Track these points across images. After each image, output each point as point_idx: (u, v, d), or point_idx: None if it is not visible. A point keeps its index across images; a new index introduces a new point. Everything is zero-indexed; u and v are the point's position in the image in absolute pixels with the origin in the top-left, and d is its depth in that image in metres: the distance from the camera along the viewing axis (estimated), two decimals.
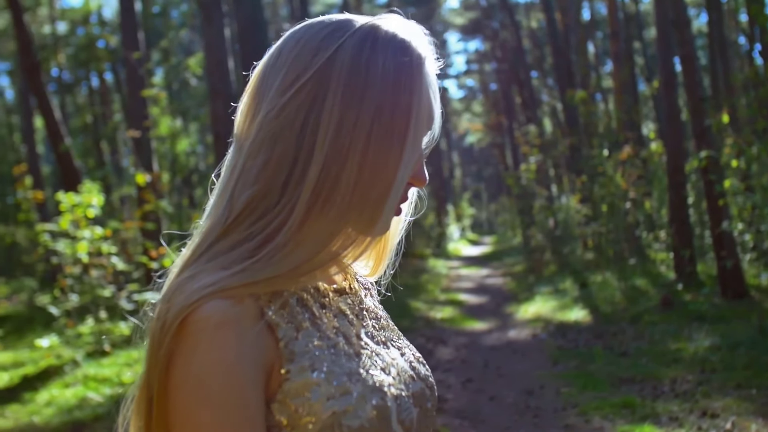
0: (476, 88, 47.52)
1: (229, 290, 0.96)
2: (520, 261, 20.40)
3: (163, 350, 0.94)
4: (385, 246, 1.24)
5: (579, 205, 15.65)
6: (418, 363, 1.16)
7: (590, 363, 7.73)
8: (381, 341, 1.14)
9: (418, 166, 1.09)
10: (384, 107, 1.02)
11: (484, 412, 6.38)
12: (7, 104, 32.25)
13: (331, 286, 1.14)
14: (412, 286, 16.09)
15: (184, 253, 1.06)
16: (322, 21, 1.09)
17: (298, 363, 0.98)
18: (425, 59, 1.08)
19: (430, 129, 1.10)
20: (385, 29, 1.07)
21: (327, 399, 0.97)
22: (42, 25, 28.63)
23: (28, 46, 11.61)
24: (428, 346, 9.60)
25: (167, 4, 27.02)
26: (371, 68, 1.03)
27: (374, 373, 1.04)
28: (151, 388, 0.96)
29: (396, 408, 1.03)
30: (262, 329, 0.97)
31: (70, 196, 8.93)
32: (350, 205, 1.03)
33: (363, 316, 1.16)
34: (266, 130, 1.03)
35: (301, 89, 1.03)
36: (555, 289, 13.38)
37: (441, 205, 31.55)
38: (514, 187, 19.04)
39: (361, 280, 1.26)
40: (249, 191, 1.03)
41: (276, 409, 0.97)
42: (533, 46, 30.12)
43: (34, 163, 19.87)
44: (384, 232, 1.08)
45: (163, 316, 0.96)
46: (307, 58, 1.04)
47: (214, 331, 0.93)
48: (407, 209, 1.20)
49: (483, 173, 66.36)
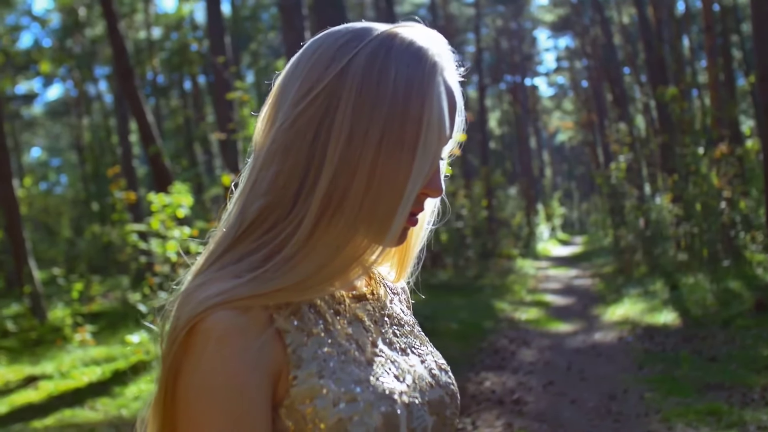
0: (567, 86, 46.71)
1: (235, 301, 0.97)
2: (609, 262, 19.97)
3: (171, 357, 0.97)
4: (408, 253, 1.23)
5: (671, 205, 15.20)
6: (439, 370, 1.15)
7: (677, 368, 7.50)
8: (400, 348, 1.13)
9: (432, 176, 1.06)
10: (394, 118, 1.01)
11: (564, 416, 6.27)
12: (105, 108, 33.45)
13: (350, 292, 1.14)
14: (498, 286, 15.97)
15: (198, 260, 1.08)
16: (340, 30, 1.08)
17: (306, 369, 0.99)
18: (440, 67, 1.05)
19: (446, 139, 1.07)
20: (401, 38, 1.05)
21: (333, 405, 0.97)
22: (138, 31, 29.62)
23: (122, 52, 12.00)
24: (511, 347, 9.50)
25: (257, 7, 27.54)
26: (383, 78, 1.01)
27: (384, 381, 1.04)
28: (162, 392, 0.99)
29: (406, 416, 1.02)
30: (271, 336, 0.99)
31: (161, 196, 9.17)
32: (359, 216, 1.02)
33: (383, 322, 1.15)
34: (279, 141, 1.04)
35: (313, 101, 1.03)
36: (644, 290, 13.04)
37: (530, 204, 31.18)
38: (604, 186, 18.64)
39: (390, 285, 1.25)
40: (260, 202, 1.04)
41: (284, 414, 0.98)
42: (625, 42, 29.40)
43: (129, 165, 20.56)
44: (394, 243, 1.06)
45: (174, 324, 0.99)
46: (321, 68, 1.04)
47: (219, 341, 0.95)
48: (428, 218, 1.19)
49: (574, 172, 65.18)
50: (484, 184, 22.87)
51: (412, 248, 1.22)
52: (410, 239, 1.20)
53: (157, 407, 1.01)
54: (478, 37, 34.08)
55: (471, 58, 35.68)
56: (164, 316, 1.04)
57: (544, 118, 51.66)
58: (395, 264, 1.24)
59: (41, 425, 6.39)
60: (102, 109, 33.52)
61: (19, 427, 6.38)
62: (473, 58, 33.20)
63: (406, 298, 1.29)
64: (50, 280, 14.56)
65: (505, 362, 8.65)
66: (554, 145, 62.47)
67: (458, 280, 16.60)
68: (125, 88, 12.52)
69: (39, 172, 43.58)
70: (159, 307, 1.08)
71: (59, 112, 39.67)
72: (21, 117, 39.22)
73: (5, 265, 15.04)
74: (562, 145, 61.32)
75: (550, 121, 52.49)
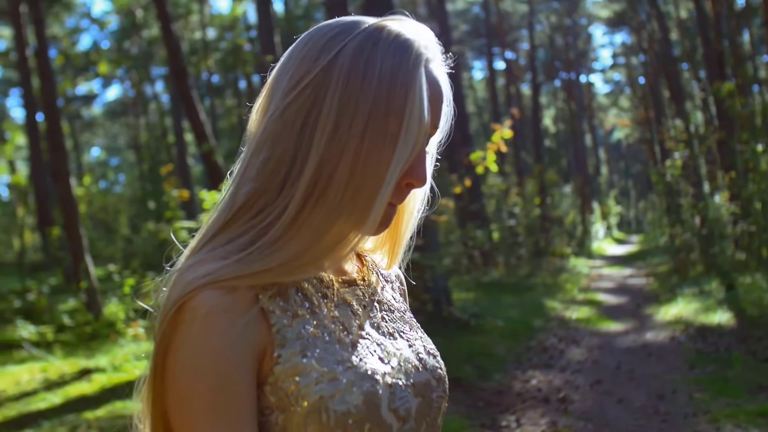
0: (623, 83, 45.97)
1: (220, 281, 1.01)
2: (665, 261, 19.63)
3: (160, 335, 1.01)
4: (398, 241, 1.26)
5: (728, 203, 14.87)
6: (427, 355, 1.18)
7: (729, 368, 7.34)
8: (388, 332, 1.17)
9: (415, 166, 1.09)
10: (379, 108, 1.04)
11: (610, 415, 6.19)
12: (162, 107, 34.04)
13: (340, 277, 1.17)
14: (550, 285, 15.83)
15: (192, 241, 1.12)
16: (330, 24, 1.12)
17: (290, 348, 1.03)
18: (424, 59, 1.08)
19: (427, 129, 1.08)
20: (389, 30, 1.08)
21: (315, 383, 1.01)
22: (193, 32, 30.06)
23: (176, 53, 12.19)
24: (560, 346, 9.41)
25: (309, 6, 27.74)
26: (369, 70, 1.05)
27: (368, 361, 1.07)
28: (153, 369, 1.03)
29: (388, 395, 1.05)
30: (256, 315, 1.02)
31: (213, 194, 9.31)
32: (342, 203, 1.05)
33: (373, 307, 1.19)
34: (269, 129, 1.08)
35: (302, 91, 1.06)
36: (699, 290, 12.78)
37: (585, 203, 30.81)
38: (659, 183, 18.33)
39: (384, 273, 1.30)
40: (249, 187, 1.08)
41: (268, 392, 1.02)
42: (682, 37, 28.83)
43: (184, 163, 20.89)
44: (374, 230, 1.09)
45: (165, 303, 1.03)
46: (311, 61, 1.08)
47: (204, 319, 0.99)
48: (418, 206, 1.22)
49: (631, 170, 64.15)
50: (537, 182, 22.69)
51: (402, 236, 1.26)
52: (400, 227, 1.24)
53: (149, 384, 1.05)
54: (531, 34, 33.79)
55: (525, 55, 35.42)
56: (158, 296, 1.08)
57: (600, 116, 50.97)
58: (386, 251, 1.28)
59: (93, 416, 6.54)
60: (158, 108, 34.16)
61: (72, 418, 6.54)
62: (527, 55, 32.96)
63: (399, 286, 1.34)
64: (106, 276, 14.85)
65: (553, 361, 8.57)
66: (611, 142, 61.57)
67: (509, 278, 16.50)
68: (179, 88, 12.72)
69: (98, 171, 44.61)
70: (154, 288, 1.12)
71: (117, 113, 40.55)
72: (81, 117, 40.19)
73: (63, 261, 15.39)
74: (618, 142, 60.41)
75: (606, 118, 51.75)
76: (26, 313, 11.87)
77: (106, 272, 14.91)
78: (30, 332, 10.70)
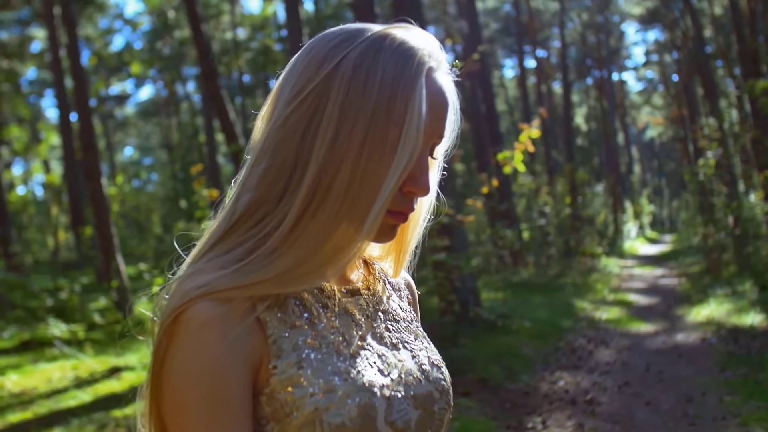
0: (656, 80, 45.46)
1: (216, 292, 1.00)
2: (698, 261, 19.39)
3: (157, 345, 1.02)
4: (403, 249, 1.25)
5: (763, 202, 14.64)
6: (431, 366, 1.16)
7: (761, 371, 7.23)
8: (391, 343, 1.15)
9: (416, 175, 1.07)
10: (379, 116, 1.03)
11: (638, 418, 6.13)
12: (194, 107, 34.31)
13: (344, 287, 1.16)
14: (580, 285, 15.70)
15: (193, 250, 1.12)
16: (334, 31, 1.11)
17: (286, 359, 1.02)
18: (427, 67, 1.07)
19: (429, 138, 1.08)
20: (392, 38, 1.07)
21: (310, 395, 1.00)
22: (224, 32, 30.25)
23: (206, 53, 12.27)
24: (588, 347, 9.33)
25: (339, 6, 27.79)
26: (370, 78, 1.04)
27: (366, 373, 1.05)
28: (150, 379, 1.04)
29: (385, 408, 1.04)
30: (251, 326, 1.02)
31: None
32: (341, 211, 1.05)
33: (377, 317, 1.17)
34: (271, 138, 1.07)
35: (304, 100, 1.06)
36: (732, 291, 12.60)
37: (617, 202, 30.54)
38: (692, 182, 18.10)
39: (392, 282, 1.29)
40: (249, 196, 1.07)
41: (264, 402, 1.02)
42: (716, 34, 28.46)
43: (214, 163, 21.01)
44: (371, 239, 1.09)
45: (162, 312, 1.04)
46: (313, 69, 1.07)
47: (198, 330, 0.99)
48: (424, 215, 1.21)
49: (664, 169, 63.47)
50: (568, 181, 22.50)
51: (407, 244, 1.25)
52: (406, 235, 1.23)
53: (147, 393, 1.06)
54: (563, 32, 33.50)
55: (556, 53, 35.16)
56: (159, 304, 1.09)
57: (632, 114, 50.47)
58: (392, 260, 1.27)
59: (121, 414, 6.61)
60: (190, 108, 34.43)
61: (100, 416, 6.61)
62: (558, 53, 32.71)
63: (408, 294, 1.32)
64: (138, 275, 15.00)
65: (581, 362, 8.50)
66: (644, 141, 60.93)
67: (539, 278, 16.38)
68: (209, 88, 12.80)
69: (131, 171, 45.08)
70: (155, 295, 1.13)
71: (150, 112, 40.95)
72: (114, 117, 40.65)
73: (95, 260, 15.57)
74: (651, 141, 59.76)
75: (639, 116, 51.22)
76: (58, 311, 12.03)
77: (138, 271, 15.06)
78: (62, 330, 10.84)
